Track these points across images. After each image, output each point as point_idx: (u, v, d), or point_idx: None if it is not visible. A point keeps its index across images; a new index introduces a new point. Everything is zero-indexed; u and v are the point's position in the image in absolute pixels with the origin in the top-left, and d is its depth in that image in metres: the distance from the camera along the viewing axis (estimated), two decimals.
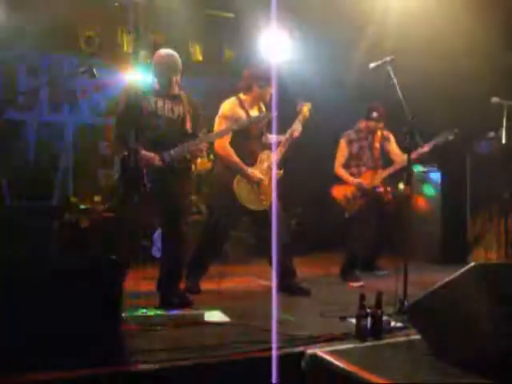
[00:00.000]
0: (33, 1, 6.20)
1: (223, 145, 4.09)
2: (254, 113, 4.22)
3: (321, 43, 6.38)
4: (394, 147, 5.02)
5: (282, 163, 4.38)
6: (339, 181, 4.93)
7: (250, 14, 6.76)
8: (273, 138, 4.35)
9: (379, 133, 4.98)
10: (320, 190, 5.14)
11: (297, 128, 4.25)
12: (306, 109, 4.30)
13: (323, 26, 6.28)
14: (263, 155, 4.25)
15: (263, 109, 4.34)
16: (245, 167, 4.13)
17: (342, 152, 4.92)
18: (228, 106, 4.19)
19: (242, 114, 4.14)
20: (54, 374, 2.30)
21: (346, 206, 4.82)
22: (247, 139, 4.16)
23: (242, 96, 4.25)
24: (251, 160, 4.21)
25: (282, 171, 4.34)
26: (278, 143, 4.30)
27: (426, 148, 4.56)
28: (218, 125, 4.13)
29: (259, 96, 4.24)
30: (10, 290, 2.45)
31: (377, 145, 4.95)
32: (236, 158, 4.12)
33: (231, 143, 4.11)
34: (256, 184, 4.14)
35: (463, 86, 5.38)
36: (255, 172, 4.16)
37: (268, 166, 4.21)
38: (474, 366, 2.36)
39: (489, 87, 4.95)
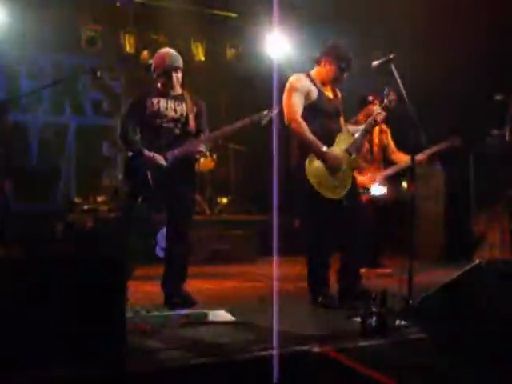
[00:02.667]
0: (35, 1, 6.21)
1: (296, 118, 3.61)
2: (328, 93, 3.78)
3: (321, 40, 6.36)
4: (391, 143, 4.99)
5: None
6: None
7: (253, 13, 6.77)
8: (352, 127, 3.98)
9: (377, 128, 4.93)
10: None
11: (379, 112, 3.82)
12: (390, 97, 3.85)
13: (324, 24, 6.28)
14: (342, 135, 3.73)
15: (338, 93, 3.89)
16: (320, 145, 3.58)
17: None
18: (297, 79, 3.71)
19: (313, 88, 3.69)
20: (56, 374, 2.30)
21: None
22: (323, 117, 3.68)
23: (311, 72, 3.80)
24: (327, 140, 3.64)
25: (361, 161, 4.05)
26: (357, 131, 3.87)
27: (426, 154, 4.62)
28: (288, 98, 3.66)
29: (328, 75, 3.75)
30: (11, 290, 2.45)
31: (376, 140, 4.92)
32: (310, 135, 3.58)
33: (304, 121, 3.63)
34: (331, 167, 3.59)
35: (465, 83, 5.38)
36: (333, 153, 3.61)
37: (346, 150, 3.68)
38: (478, 363, 2.35)
39: (491, 84, 4.94)
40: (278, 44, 7.07)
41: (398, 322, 3.02)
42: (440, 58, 5.56)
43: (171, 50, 3.75)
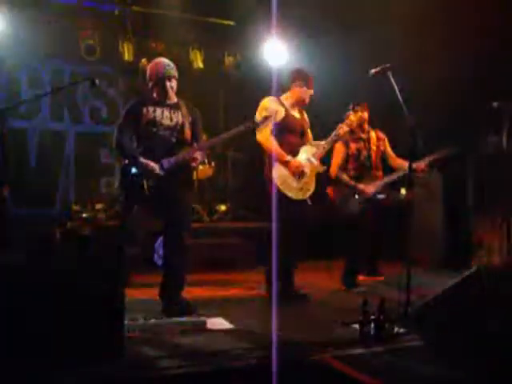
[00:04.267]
0: (34, 10, 6.24)
1: (265, 135, 4.14)
2: (295, 114, 4.29)
3: (319, 47, 6.40)
4: (389, 150, 5.03)
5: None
6: (335, 182, 4.90)
7: (251, 21, 6.80)
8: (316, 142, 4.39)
9: (374, 135, 4.97)
10: (321, 194, 5.11)
11: (341, 126, 4.28)
12: (353, 114, 4.38)
13: (321, 31, 6.31)
14: (305, 147, 4.26)
15: (304, 115, 4.41)
16: (284, 154, 4.12)
17: (339, 153, 4.87)
18: (267, 100, 4.22)
19: (280, 109, 4.16)
20: (55, 379, 2.30)
21: (343, 207, 4.78)
22: (289, 133, 4.21)
23: (281, 97, 4.30)
24: (292, 153, 4.19)
25: (324, 167, 4.36)
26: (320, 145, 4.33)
27: (426, 162, 4.65)
28: (259, 117, 4.09)
29: (298, 97, 4.28)
30: (11, 295, 2.45)
31: (373, 147, 4.94)
32: (277, 146, 4.11)
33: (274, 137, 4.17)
34: (294, 173, 4.13)
35: (463, 89, 5.40)
36: (296, 161, 4.16)
37: (307, 158, 4.22)
38: (476, 369, 2.35)
39: (489, 90, 4.97)
40: (275, 51, 7.11)
41: (396, 329, 3.02)
42: (437, 63, 5.58)
43: (164, 60, 3.77)
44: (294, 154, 4.20)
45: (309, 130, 4.45)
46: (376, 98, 4.86)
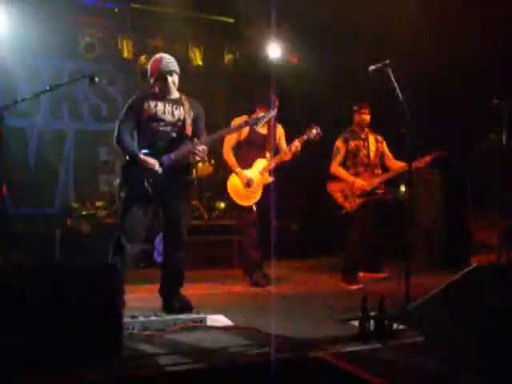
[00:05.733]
0: (33, 8, 6.23)
1: (225, 147, 4.90)
2: (262, 130, 4.89)
3: (318, 45, 6.39)
4: (387, 152, 5.05)
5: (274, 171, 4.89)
6: (335, 178, 4.92)
7: (250, 18, 6.79)
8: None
9: (372, 137, 4.99)
10: (321, 192, 5.12)
11: (294, 144, 4.73)
12: (313, 131, 4.73)
13: (321, 28, 6.30)
14: (259, 161, 4.87)
15: (276, 129, 4.97)
16: (235, 167, 4.85)
17: (338, 150, 4.96)
18: (237, 120, 4.68)
19: (246, 128, 4.48)
20: (54, 379, 2.30)
21: (342, 203, 4.81)
22: (250, 146, 4.89)
23: (253, 115, 4.67)
24: (249, 164, 4.86)
25: (271, 178, 4.80)
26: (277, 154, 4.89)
27: (424, 160, 4.65)
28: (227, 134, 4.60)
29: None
30: (11, 294, 2.45)
31: (372, 147, 4.96)
32: (232, 159, 4.87)
33: (238, 148, 4.91)
34: (244, 182, 4.78)
35: (463, 88, 5.40)
36: (243, 172, 4.82)
37: (258, 171, 4.83)
38: (475, 366, 2.36)
39: (489, 88, 4.96)
40: (275, 48, 7.11)
41: (395, 325, 3.03)
42: (437, 62, 5.58)
43: (166, 55, 3.75)
44: (250, 165, 4.86)
45: (282, 142, 5.00)
46: (375, 96, 4.87)
